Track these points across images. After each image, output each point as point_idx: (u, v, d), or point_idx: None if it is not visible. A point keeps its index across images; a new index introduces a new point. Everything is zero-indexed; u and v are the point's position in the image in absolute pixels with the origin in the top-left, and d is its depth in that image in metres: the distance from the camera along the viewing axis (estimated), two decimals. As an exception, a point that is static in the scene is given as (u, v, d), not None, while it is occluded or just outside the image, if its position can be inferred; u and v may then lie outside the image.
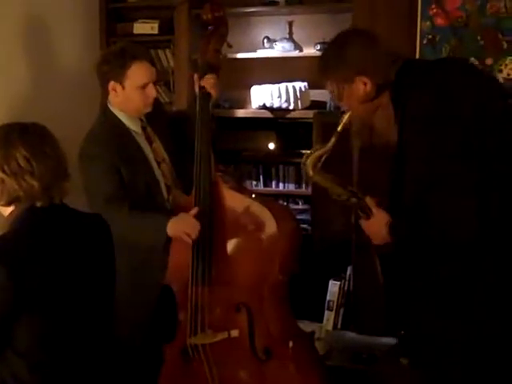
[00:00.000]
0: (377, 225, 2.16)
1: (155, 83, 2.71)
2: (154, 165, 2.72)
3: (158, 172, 2.72)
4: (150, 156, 2.72)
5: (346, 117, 2.21)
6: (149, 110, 2.70)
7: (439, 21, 3.76)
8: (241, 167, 4.41)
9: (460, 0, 3.70)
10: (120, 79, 2.62)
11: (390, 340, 3.45)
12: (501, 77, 3.66)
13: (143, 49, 2.76)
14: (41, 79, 3.94)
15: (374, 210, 2.17)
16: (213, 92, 2.65)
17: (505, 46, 3.64)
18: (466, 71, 2.16)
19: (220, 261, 2.56)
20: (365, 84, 2.11)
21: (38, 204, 1.87)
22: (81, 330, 1.91)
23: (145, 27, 4.57)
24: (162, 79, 4.43)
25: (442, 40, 3.77)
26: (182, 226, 2.51)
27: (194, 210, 2.53)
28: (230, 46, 2.76)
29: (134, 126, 2.72)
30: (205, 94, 2.64)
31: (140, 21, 4.60)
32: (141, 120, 2.75)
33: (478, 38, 3.69)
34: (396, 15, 3.92)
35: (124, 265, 2.71)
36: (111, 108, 2.71)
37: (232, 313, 2.54)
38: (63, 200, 1.94)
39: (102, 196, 2.60)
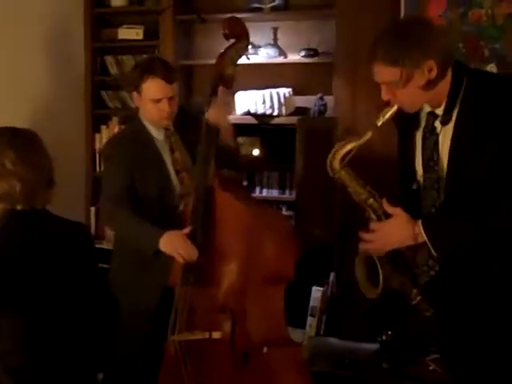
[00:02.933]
0: (397, 225, 2.03)
1: (171, 98, 2.73)
2: (172, 173, 2.80)
3: (174, 180, 2.77)
4: (169, 164, 2.80)
5: (391, 110, 2.07)
6: (166, 123, 2.80)
7: (422, 28, 3.79)
8: (225, 173, 4.40)
9: (442, 8, 3.73)
10: (138, 90, 2.75)
11: (372, 345, 3.47)
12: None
13: (162, 64, 2.78)
14: (24, 84, 3.93)
15: (392, 210, 2.05)
16: (218, 122, 2.64)
17: (486, 53, 3.67)
18: None
19: (210, 262, 2.58)
20: (430, 70, 1.98)
21: (19, 207, 1.92)
22: (57, 333, 1.92)
23: (130, 32, 4.58)
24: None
25: (425, 47, 3.80)
26: (176, 246, 2.54)
27: (187, 230, 2.54)
28: (247, 58, 2.82)
29: (157, 133, 2.83)
30: (209, 124, 2.63)
31: (125, 26, 4.61)
32: (166, 129, 2.81)
33: (460, 45, 3.72)
34: (379, 22, 3.92)
35: (127, 264, 2.77)
36: (140, 114, 2.83)
37: (217, 314, 2.55)
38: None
39: (107, 195, 2.75)
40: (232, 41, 2.66)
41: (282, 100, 4.15)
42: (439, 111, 2.05)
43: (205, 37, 4.49)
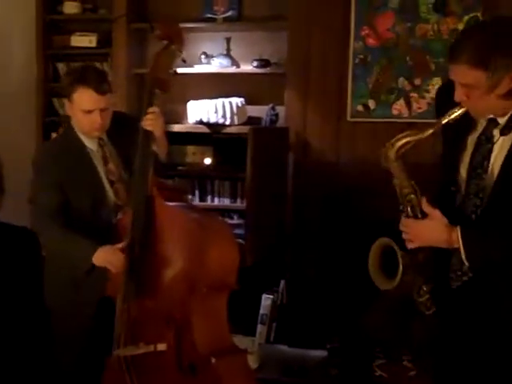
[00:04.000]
0: (435, 227, 1.98)
1: (103, 110, 2.64)
2: (106, 184, 2.73)
3: (109, 191, 2.73)
4: (103, 175, 2.73)
5: (459, 111, 1.94)
6: (97, 134, 2.70)
7: (371, 41, 3.89)
8: (176, 182, 4.41)
9: (391, 22, 3.82)
10: (70, 98, 2.66)
11: (321, 352, 3.51)
12: (428, 97, 3.79)
13: (95, 74, 2.69)
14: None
15: (431, 211, 1.99)
16: (154, 130, 2.59)
17: (432, 67, 3.78)
18: None
19: (151, 273, 2.56)
20: None
21: None
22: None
23: (82, 40, 4.55)
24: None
25: (373, 60, 3.90)
26: (108, 259, 2.54)
27: (123, 244, 2.54)
28: (184, 61, 2.78)
29: (90, 143, 2.73)
30: (146, 131, 2.58)
31: (78, 33, 4.58)
32: (100, 139, 2.75)
33: (408, 58, 3.82)
34: (330, 35, 4.02)
35: (65, 276, 2.72)
36: (72, 123, 2.74)
37: (161, 326, 2.53)
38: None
39: (39, 209, 2.67)
40: (165, 43, 2.62)
41: (235, 109, 4.18)
42: (502, 120, 1.97)
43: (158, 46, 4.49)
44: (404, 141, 1.99)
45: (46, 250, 2.70)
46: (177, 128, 4.31)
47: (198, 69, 4.36)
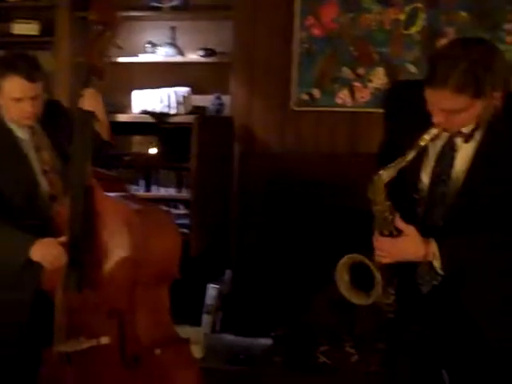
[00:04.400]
0: (411, 244, 2.00)
1: (33, 98, 2.52)
2: (39, 174, 2.65)
3: (42, 181, 2.66)
4: (36, 165, 2.66)
5: (434, 131, 1.94)
6: (28, 123, 2.62)
7: (315, 31, 3.91)
8: (122, 172, 4.36)
9: (335, 12, 3.85)
10: None
11: (266, 341, 3.54)
12: (371, 86, 3.84)
13: (25, 61, 2.57)
14: None
15: (405, 228, 2.01)
16: (93, 110, 2.53)
17: (375, 57, 3.82)
18: None
19: (92, 265, 2.52)
20: (493, 101, 1.89)
21: None
22: None
23: (24, 28, 4.45)
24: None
25: (318, 50, 3.92)
26: (46, 255, 2.46)
27: (63, 238, 2.49)
28: (119, 48, 2.70)
29: (20, 132, 2.64)
30: (85, 114, 2.51)
31: (19, 21, 4.47)
32: (31, 127, 2.67)
33: (351, 48, 3.85)
34: (275, 25, 4.03)
35: None
36: (2, 111, 2.64)
37: (103, 319, 2.50)
38: None
39: None
40: (100, 28, 2.54)
41: (180, 99, 4.16)
42: (465, 129, 1.97)
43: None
44: (389, 172, 1.98)
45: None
46: (122, 118, 4.26)
47: (142, 58, 4.32)
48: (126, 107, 4.36)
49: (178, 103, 4.15)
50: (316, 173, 3.78)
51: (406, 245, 2.01)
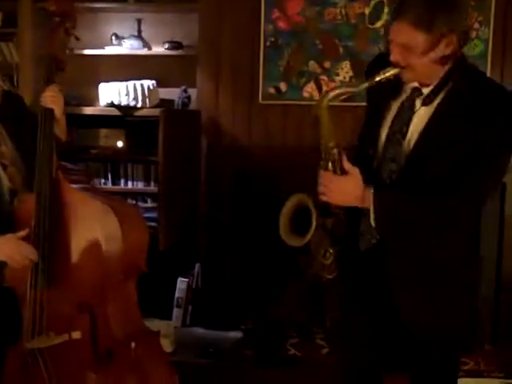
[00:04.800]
0: (351, 184, 2.02)
1: None
2: None
3: (2, 176, 2.62)
4: None
5: (392, 71, 1.98)
6: None
7: (281, 24, 3.92)
8: (89, 165, 4.34)
9: (300, 5, 3.87)
10: None
11: (236, 334, 3.57)
12: (338, 80, 3.87)
13: None
14: None
15: (350, 168, 2.02)
16: (54, 107, 2.49)
17: (341, 50, 3.85)
18: None
19: (61, 260, 2.49)
20: (448, 44, 1.92)
21: None
22: None
23: (-15, 18, 4.38)
24: (6, 73, 4.27)
25: (284, 43, 3.94)
26: (9, 252, 2.42)
27: (24, 232, 2.45)
28: (77, 39, 2.66)
29: None
30: (46, 110, 2.48)
31: (-20, 11, 4.40)
32: None
33: (317, 42, 3.87)
34: (241, 18, 4.03)
35: None
36: None
37: (74, 314, 2.49)
38: None
39: None
40: (58, 19, 2.52)
41: (146, 92, 4.13)
42: (425, 90, 2.02)
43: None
44: (338, 91, 2.03)
45: None
46: (88, 111, 4.22)
47: (108, 50, 4.28)
48: (92, 100, 4.32)
49: (144, 96, 4.12)
50: (283, 166, 3.80)
51: (347, 183, 2.03)
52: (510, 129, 1.95)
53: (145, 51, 4.26)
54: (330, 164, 2.05)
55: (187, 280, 3.78)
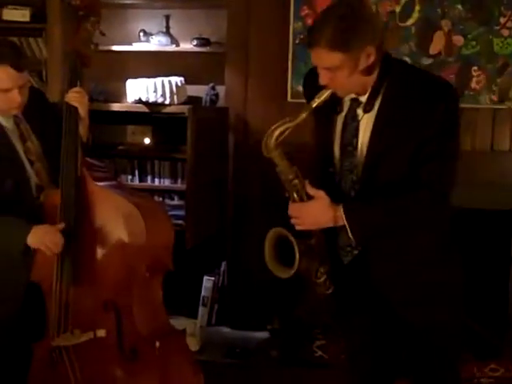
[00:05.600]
0: (320, 207, 2.06)
1: (21, 87, 2.49)
2: (26, 164, 2.62)
3: (30, 171, 2.63)
4: (23, 155, 2.62)
5: (326, 93, 2.03)
6: (15, 112, 2.58)
7: (310, 22, 3.87)
8: (116, 162, 4.34)
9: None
10: None
11: (262, 334, 3.55)
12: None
13: (12, 50, 2.52)
14: None
15: (315, 193, 2.07)
16: (78, 106, 2.52)
17: (372, 49, 3.80)
18: None
19: (86, 258, 2.51)
20: (368, 55, 1.98)
21: None
22: None
23: (15, 14, 4.37)
24: (34, 69, 4.28)
25: (314, 41, 3.88)
26: (45, 240, 2.45)
27: (61, 225, 2.47)
28: (103, 34, 2.67)
29: (6, 122, 2.60)
30: (71, 108, 2.52)
31: (10, 7, 4.38)
32: (15, 116, 2.63)
33: (348, 41, 3.82)
34: (270, 14, 4.00)
35: None
36: None
37: (99, 311, 2.49)
38: None
39: None
40: (82, 14, 2.55)
41: (174, 89, 4.11)
42: (363, 99, 2.08)
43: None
44: (281, 129, 2.07)
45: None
46: (116, 107, 4.22)
47: (136, 47, 4.28)
48: (120, 96, 4.33)
49: (172, 93, 4.11)
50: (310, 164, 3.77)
51: (315, 208, 2.07)
52: (452, 112, 2.02)
53: (173, 48, 4.25)
54: (295, 194, 2.10)
55: (213, 278, 3.77)
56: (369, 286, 2.16)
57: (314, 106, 2.04)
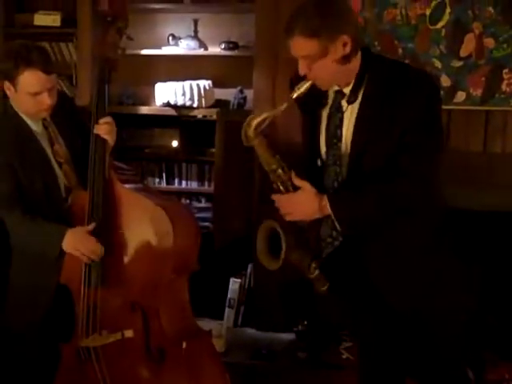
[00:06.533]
0: (306, 197, 2.07)
1: (50, 90, 2.54)
2: (55, 166, 2.66)
3: (59, 173, 2.67)
4: (51, 157, 2.65)
5: (306, 84, 2.06)
6: (44, 115, 2.62)
7: (340, 25, 3.87)
8: (143, 165, 4.38)
9: (359, 7, 3.81)
10: (13, 82, 2.52)
11: (289, 336, 3.54)
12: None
13: (40, 54, 2.55)
14: None
15: (301, 183, 2.08)
16: (108, 138, 2.55)
17: (400, 51, 3.78)
18: None
19: (113, 259, 2.52)
20: (345, 44, 2.02)
21: None
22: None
23: (46, 19, 4.44)
24: (65, 73, 4.34)
25: (342, 44, 3.88)
26: (80, 247, 2.48)
27: (91, 226, 2.49)
28: (130, 39, 2.69)
29: (35, 125, 2.63)
30: (100, 139, 2.54)
31: (41, 12, 4.47)
32: (44, 119, 2.67)
33: (376, 43, 3.81)
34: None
35: (16, 263, 2.67)
36: (13, 105, 2.63)
37: (127, 313, 2.51)
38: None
39: None
40: (109, 19, 2.55)
41: (202, 92, 4.15)
42: (346, 90, 2.10)
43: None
44: (260, 118, 2.13)
45: (12, 235, 2.65)
46: (144, 110, 4.27)
47: (165, 50, 4.32)
48: (148, 99, 4.37)
49: (200, 96, 4.14)
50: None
51: (301, 198, 2.08)
52: (431, 103, 2.05)
53: (201, 51, 4.28)
54: (280, 185, 2.13)
55: (239, 281, 3.77)
56: (364, 281, 2.16)
57: (294, 96, 2.07)
